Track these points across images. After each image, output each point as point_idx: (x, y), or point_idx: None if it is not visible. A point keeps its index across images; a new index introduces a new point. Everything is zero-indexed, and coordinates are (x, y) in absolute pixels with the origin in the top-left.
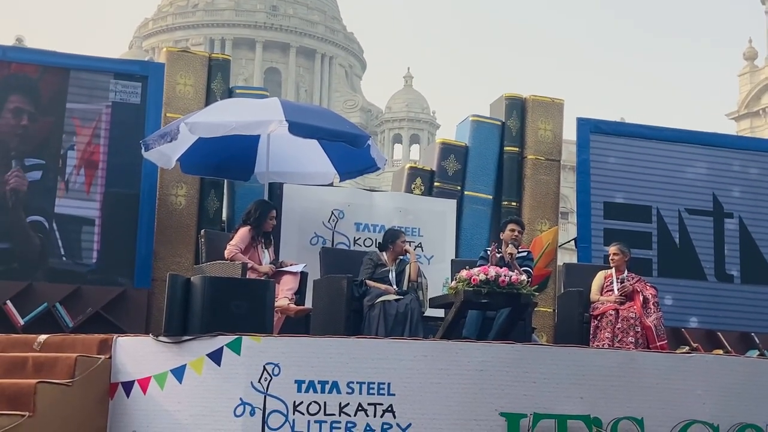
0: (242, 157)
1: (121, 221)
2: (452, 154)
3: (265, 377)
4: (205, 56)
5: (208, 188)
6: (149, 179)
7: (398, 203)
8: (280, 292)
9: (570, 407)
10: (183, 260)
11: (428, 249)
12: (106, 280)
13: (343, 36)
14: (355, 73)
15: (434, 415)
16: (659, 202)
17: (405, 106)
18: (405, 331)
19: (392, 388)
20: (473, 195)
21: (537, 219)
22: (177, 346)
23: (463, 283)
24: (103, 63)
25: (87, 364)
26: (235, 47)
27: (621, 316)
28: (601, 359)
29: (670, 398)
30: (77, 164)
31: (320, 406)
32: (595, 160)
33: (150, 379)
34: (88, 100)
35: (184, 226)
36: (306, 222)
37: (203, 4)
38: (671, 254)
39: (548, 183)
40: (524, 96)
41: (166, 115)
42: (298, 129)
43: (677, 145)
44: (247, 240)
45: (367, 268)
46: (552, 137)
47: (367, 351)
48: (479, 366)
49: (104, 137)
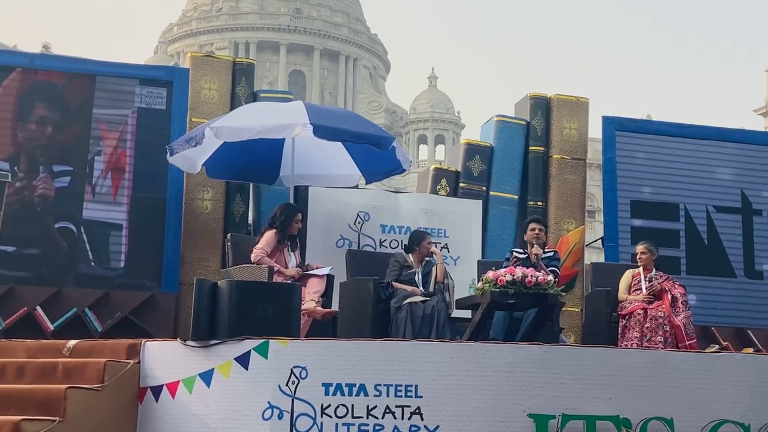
0: (267, 160)
1: (148, 226)
2: (477, 154)
3: (292, 380)
4: (230, 60)
5: (234, 192)
6: (175, 184)
7: (423, 204)
8: (306, 294)
9: (599, 408)
10: (210, 264)
11: (454, 250)
12: (134, 285)
13: (367, 37)
14: (380, 75)
15: (462, 416)
16: (687, 199)
17: (429, 106)
18: (432, 332)
19: (420, 390)
20: (499, 195)
21: (563, 218)
22: (205, 350)
23: (490, 284)
24: (129, 69)
25: (116, 369)
26: (259, 50)
27: (649, 315)
28: (629, 359)
29: (700, 398)
30: (104, 170)
31: (348, 409)
32: (622, 158)
33: (178, 383)
34: (114, 105)
35: (210, 230)
36: (332, 224)
37: (227, 8)
38: (699, 252)
39: (574, 182)
40: (549, 95)
41: (192, 119)
42: (323, 132)
43: (704, 142)
44: (273, 243)
45: (393, 270)
46: (577, 136)
47: (394, 353)
48: (507, 367)
49: (130, 143)
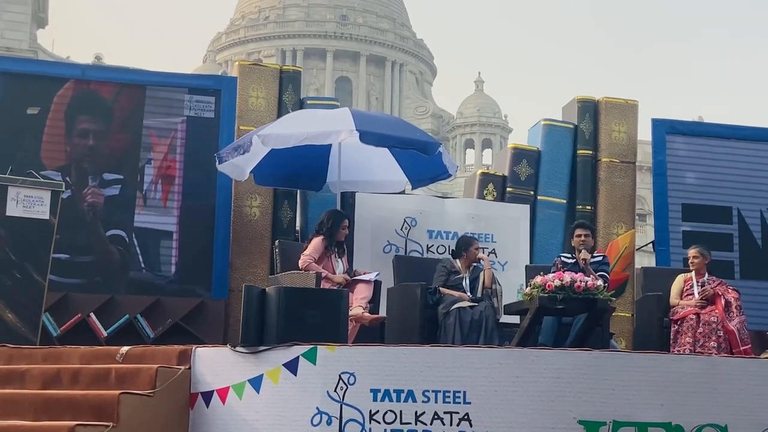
0: (314, 167)
1: (198, 233)
2: (524, 158)
3: (340, 386)
4: (276, 68)
5: (282, 199)
6: (224, 191)
7: (470, 209)
8: (354, 300)
9: (650, 414)
10: (258, 270)
11: (502, 255)
12: (185, 292)
13: (413, 43)
14: (426, 80)
15: (511, 423)
16: (739, 202)
17: (476, 110)
18: (480, 338)
19: (468, 397)
20: (546, 200)
21: (613, 222)
22: (254, 356)
23: (538, 289)
24: (178, 78)
25: (167, 375)
26: (306, 57)
27: (702, 320)
28: (681, 365)
29: (755, 404)
30: (154, 178)
31: (396, 415)
32: (672, 162)
33: (229, 389)
34: (163, 115)
35: (258, 236)
36: (378, 230)
37: (274, 16)
38: (754, 256)
39: (623, 186)
40: (597, 98)
41: (239, 128)
42: (369, 138)
43: (756, 144)
44: (320, 250)
45: (440, 276)
46: (626, 139)
47: (442, 359)
48: (556, 373)
49: (180, 151)
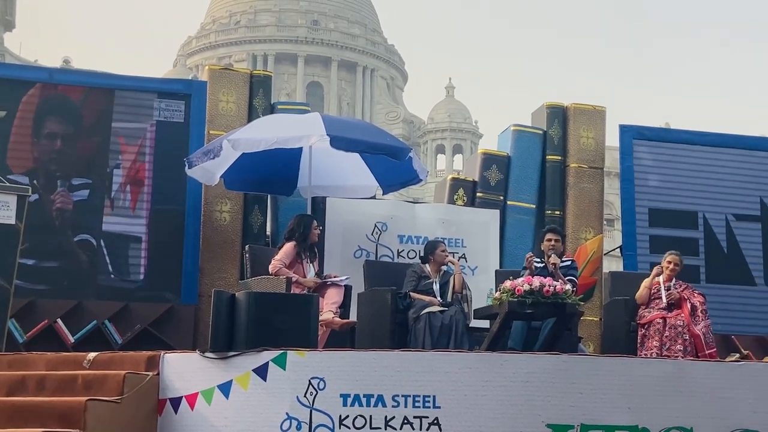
0: (285, 172)
1: (167, 238)
2: (494, 164)
3: (310, 392)
4: (247, 73)
5: (252, 204)
6: (194, 196)
7: (441, 214)
8: (324, 305)
9: (618, 418)
10: (228, 276)
11: (472, 260)
12: (154, 297)
13: (384, 48)
14: (397, 85)
15: (480, 427)
16: (706, 208)
17: (447, 116)
18: (450, 343)
19: (438, 401)
20: (516, 205)
21: (581, 227)
22: (223, 361)
23: (508, 294)
24: (147, 82)
25: (135, 381)
26: (277, 62)
27: (669, 324)
28: (648, 368)
29: (720, 407)
30: (123, 182)
31: (366, 420)
32: (639, 167)
33: (197, 395)
34: (133, 119)
35: (229, 241)
36: (349, 235)
37: (245, 21)
38: (719, 261)
39: (591, 191)
40: (565, 104)
41: (210, 132)
42: (340, 143)
43: (722, 150)
44: (291, 255)
45: (410, 281)
46: (594, 145)
47: (412, 364)
48: (525, 377)
49: (149, 155)
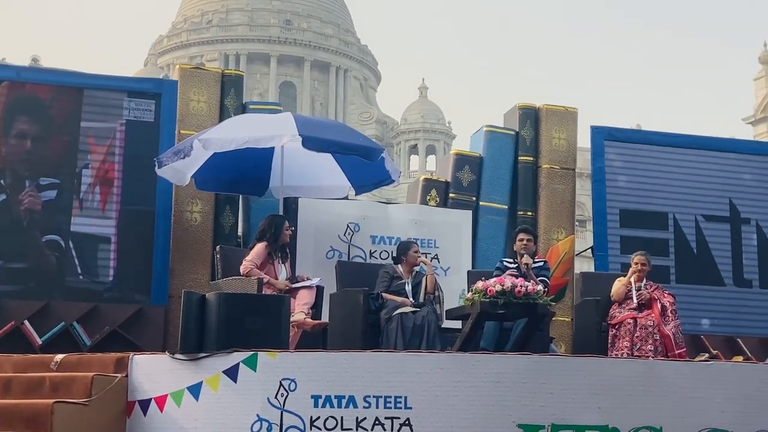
0: (257, 172)
1: (137, 239)
2: (467, 164)
3: (281, 393)
4: (218, 72)
5: (223, 204)
6: (164, 196)
7: (413, 215)
8: (296, 306)
9: (588, 418)
10: (199, 276)
11: (444, 260)
12: (123, 298)
13: (357, 49)
14: (370, 86)
15: (452, 427)
16: (675, 209)
17: (420, 117)
18: (422, 343)
19: (409, 402)
20: (488, 205)
21: (553, 228)
22: (193, 363)
23: (480, 295)
24: (117, 81)
25: (104, 383)
26: (249, 62)
27: (639, 324)
28: (619, 369)
29: (689, 407)
30: (92, 182)
31: (337, 421)
32: (610, 168)
33: (167, 396)
34: (102, 118)
35: (199, 242)
36: (321, 236)
37: (217, 20)
38: (689, 261)
39: (563, 192)
40: (538, 105)
41: (180, 132)
42: (312, 143)
43: (692, 152)
44: (263, 255)
45: (383, 281)
46: (566, 146)
47: (384, 364)
48: (496, 377)
49: (119, 155)
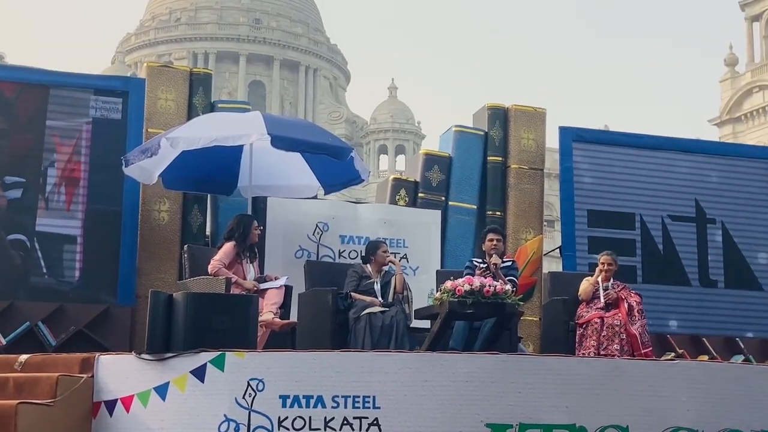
0: (225, 171)
1: (104, 238)
2: (436, 164)
3: (249, 393)
4: (187, 71)
5: (191, 203)
6: (131, 195)
7: (383, 215)
8: (264, 306)
9: (555, 417)
10: (167, 276)
11: (413, 260)
12: (89, 298)
13: (327, 48)
14: (340, 85)
15: (420, 427)
16: (642, 209)
17: (390, 116)
18: (391, 343)
19: (378, 401)
20: (457, 205)
21: (521, 228)
22: (160, 363)
23: (448, 294)
24: (83, 79)
25: (69, 384)
26: (218, 61)
27: (606, 323)
28: (585, 368)
29: (655, 405)
30: (58, 181)
31: (305, 421)
32: (578, 169)
33: (133, 397)
34: (68, 116)
35: (167, 241)
36: (290, 235)
37: (185, 18)
38: (655, 261)
39: (532, 192)
40: (507, 106)
41: (148, 130)
42: (280, 142)
43: (659, 152)
44: (231, 255)
45: (351, 281)
46: (535, 146)
47: (352, 364)
48: (464, 377)
49: (85, 154)
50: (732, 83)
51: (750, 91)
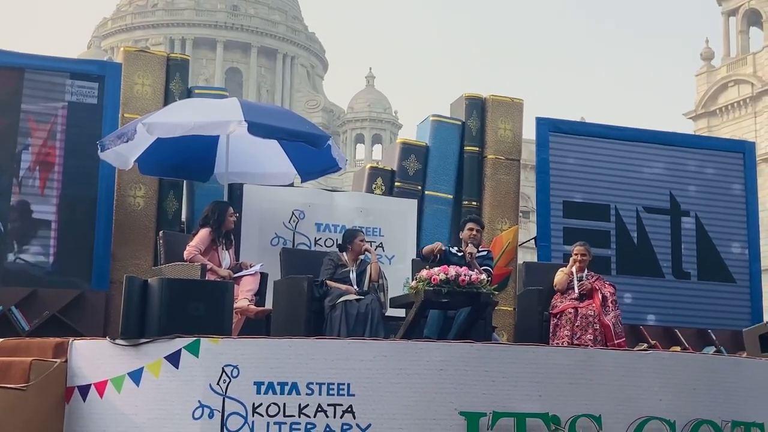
0: (201, 157)
1: (79, 223)
2: (413, 153)
3: (223, 379)
4: (164, 56)
5: (167, 189)
6: (107, 180)
7: (359, 203)
8: (239, 293)
9: (529, 405)
10: (142, 262)
11: (389, 249)
12: (64, 283)
13: (305, 36)
14: (317, 74)
15: (394, 415)
16: (617, 200)
17: (367, 106)
18: (366, 331)
19: (352, 389)
20: (434, 195)
21: (497, 218)
22: (134, 348)
23: (424, 283)
24: (59, 63)
25: (42, 369)
26: (195, 47)
27: (580, 314)
28: (559, 357)
29: (628, 395)
30: (32, 165)
31: (279, 408)
32: (555, 160)
33: (107, 382)
34: (43, 100)
35: (142, 227)
36: (266, 223)
37: (163, 4)
38: (629, 252)
39: (508, 182)
40: (484, 96)
41: (124, 115)
42: (258, 129)
43: (635, 145)
44: (207, 242)
45: (327, 269)
46: (512, 137)
47: (327, 352)
48: (439, 365)
49: (60, 138)
50: (708, 77)
51: (725, 86)
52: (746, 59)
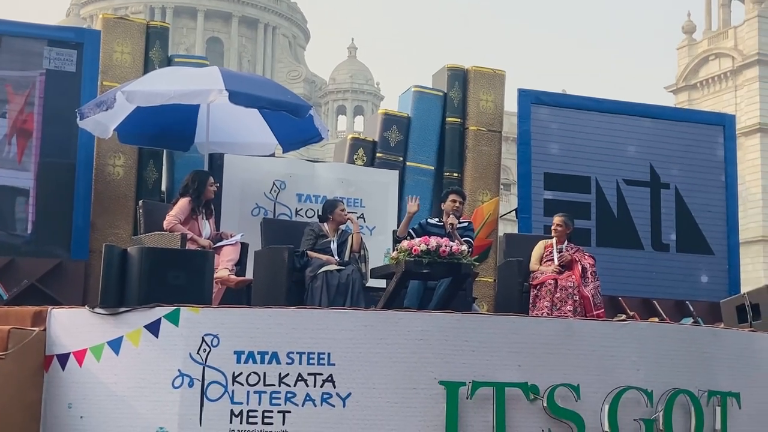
0: (182, 127)
1: (57, 192)
2: (394, 124)
3: (203, 348)
4: (143, 24)
5: (147, 158)
6: (86, 149)
7: (340, 174)
8: (220, 263)
9: (508, 375)
10: (121, 231)
11: (370, 220)
12: (42, 252)
13: (287, 6)
14: (299, 44)
15: (374, 384)
16: (598, 172)
17: (349, 77)
18: (346, 301)
19: (332, 358)
20: (415, 166)
21: (478, 190)
22: (113, 317)
23: (404, 254)
24: (37, 29)
25: (20, 337)
26: (176, 16)
27: (560, 285)
28: (538, 327)
29: (606, 365)
30: (9, 133)
31: (260, 377)
32: (536, 132)
33: (86, 351)
34: (20, 67)
35: (122, 196)
36: (247, 193)
37: None
38: (609, 224)
39: (489, 154)
40: (466, 67)
41: (103, 83)
42: (239, 98)
43: (616, 117)
44: (187, 211)
45: (308, 239)
46: (493, 108)
47: (307, 321)
48: (419, 335)
49: (38, 105)
50: (689, 51)
51: (706, 59)
52: (727, 33)
